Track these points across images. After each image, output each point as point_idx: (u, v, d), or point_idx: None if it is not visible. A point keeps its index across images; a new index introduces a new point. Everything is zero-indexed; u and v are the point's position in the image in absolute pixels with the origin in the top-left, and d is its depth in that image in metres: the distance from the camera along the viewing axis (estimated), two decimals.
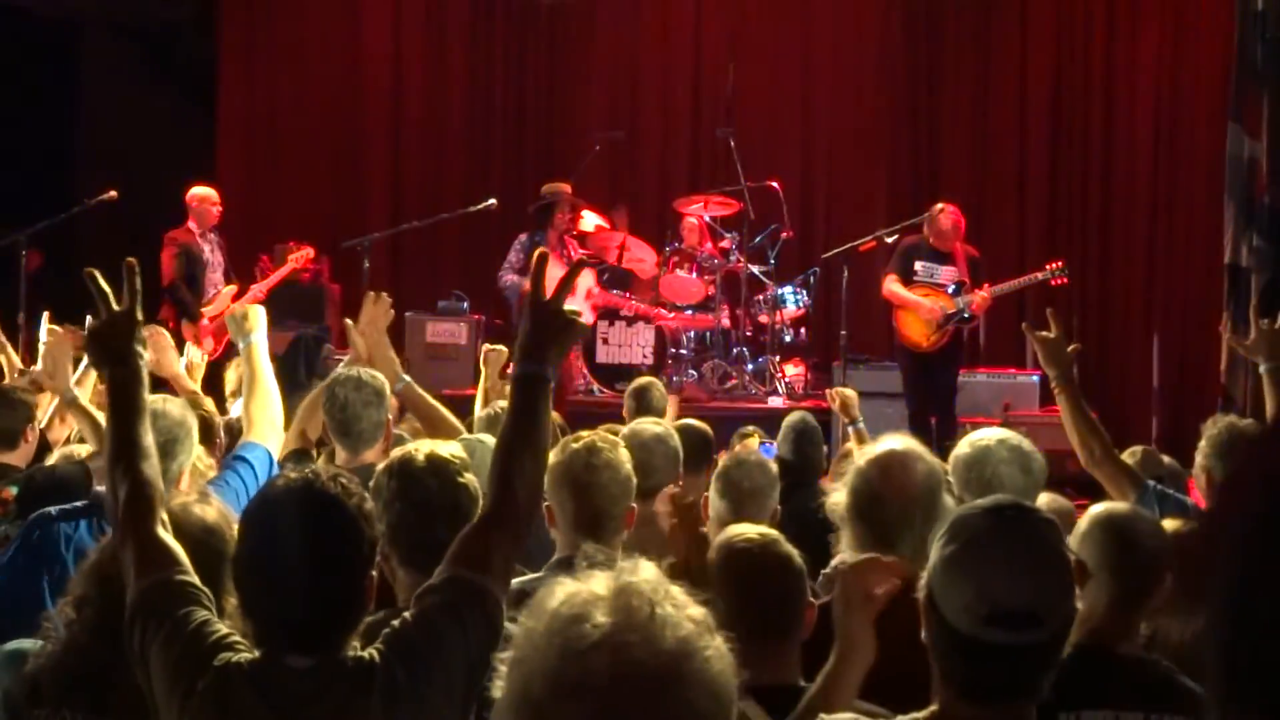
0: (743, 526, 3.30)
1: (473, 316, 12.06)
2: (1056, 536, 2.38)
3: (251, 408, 4.04)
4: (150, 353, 3.22)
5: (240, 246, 12.04)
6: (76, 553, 3.69)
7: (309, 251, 11.50)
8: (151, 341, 5.98)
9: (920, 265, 10.33)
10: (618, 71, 14.10)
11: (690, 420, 6.12)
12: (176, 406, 4.10)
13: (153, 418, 3.97)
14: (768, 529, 3.33)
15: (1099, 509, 3.55)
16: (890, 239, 10.75)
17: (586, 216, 12.12)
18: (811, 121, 13.87)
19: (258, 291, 11.04)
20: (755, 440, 6.94)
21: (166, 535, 2.78)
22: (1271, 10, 10.54)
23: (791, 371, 12.00)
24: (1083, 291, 12.75)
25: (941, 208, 10.39)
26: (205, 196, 10.89)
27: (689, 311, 11.90)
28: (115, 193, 10.29)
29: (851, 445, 6.99)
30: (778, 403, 11.16)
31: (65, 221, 10.27)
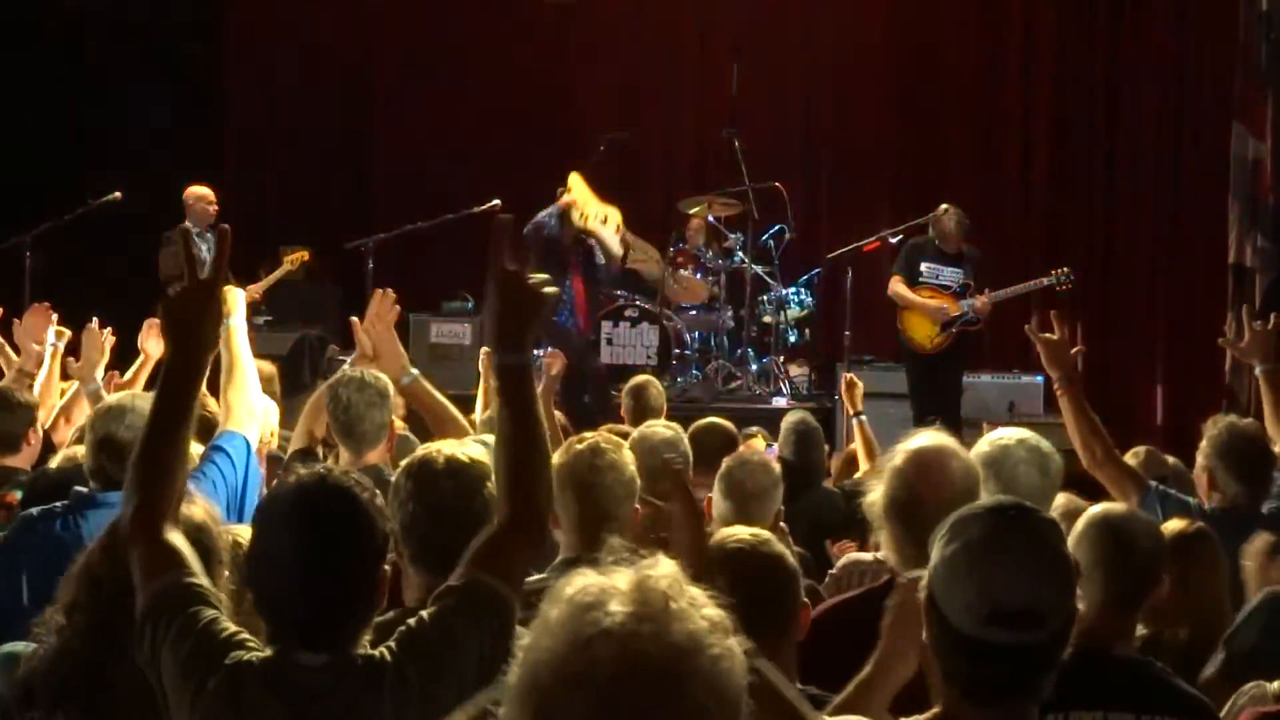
0: (736, 528, 3.29)
1: (477, 317, 12.04)
2: (1057, 536, 2.38)
3: (229, 394, 3.92)
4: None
5: (244, 247, 12.01)
6: (55, 550, 3.65)
7: (303, 254, 11.51)
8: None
9: (926, 266, 10.32)
10: (622, 72, 14.09)
11: (715, 420, 6.09)
12: (148, 402, 4.10)
13: (123, 413, 4.01)
14: (760, 530, 3.32)
15: (1096, 510, 3.56)
16: (894, 239, 10.75)
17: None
18: (815, 122, 13.86)
19: (254, 291, 11.05)
20: (760, 441, 6.91)
21: (176, 536, 2.78)
22: (1277, 11, 10.55)
23: (795, 372, 11.99)
24: (1086, 291, 12.71)
25: (946, 208, 10.38)
26: (201, 195, 10.89)
27: (693, 312, 11.89)
28: (120, 194, 10.30)
29: (856, 447, 7.01)
30: (781, 403, 11.15)
31: (70, 223, 10.28)
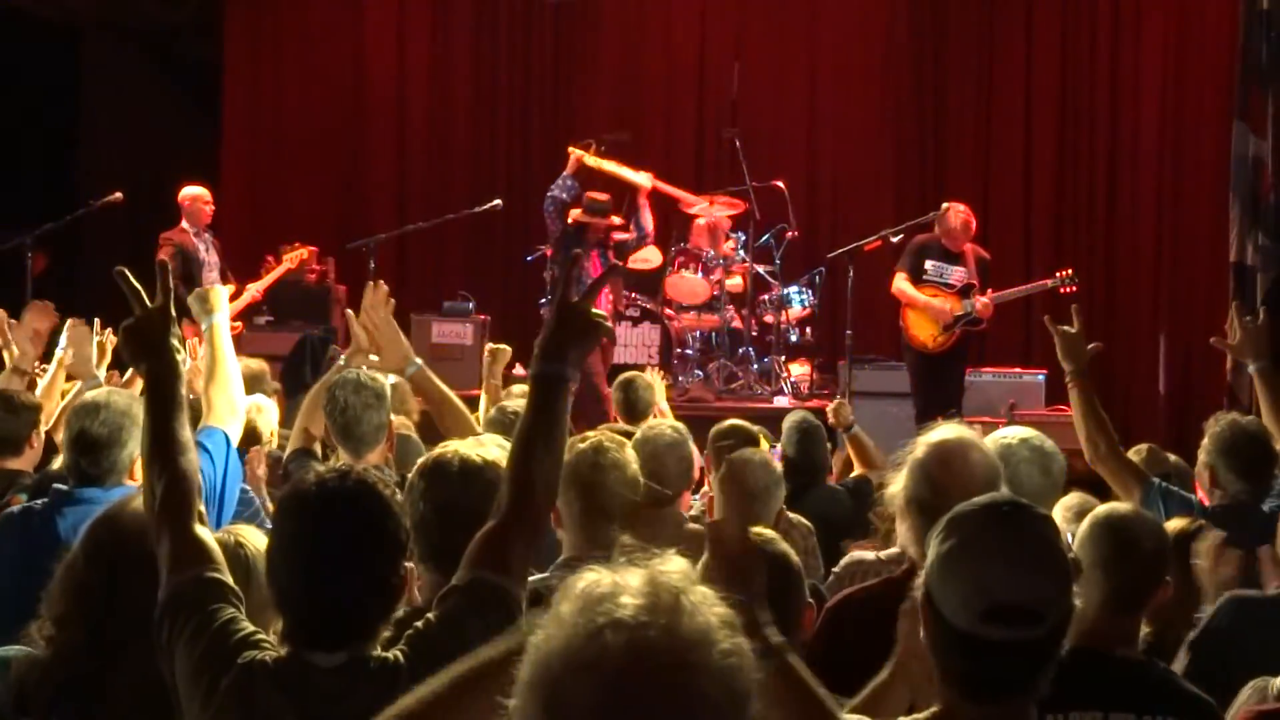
0: None
1: (478, 317, 12.04)
2: (1054, 532, 2.37)
3: (211, 390, 3.91)
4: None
5: (246, 248, 12.03)
6: (35, 547, 3.75)
7: (303, 252, 11.50)
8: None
9: (931, 264, 10.31)
10: (623, 71, 14.08)
11: (737, 421, 6.07)
12: (123, 398, 4.17)
13: (97, 409, 4.08)
14: (764, 529, 3.31)
15: (1100, 510, 3.55)
16: (896, 238, 10.74)
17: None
18: (817, 121, 13.85)
19: (255, 291, 11.05)
20: (763, 441, 6.91)
21: (203, 531, 2.80)
22: (1277, 11, 10.55)
23: (797, 371, 11.99)
24: (1088, 290, 12.69)
25: (949, 207, 10.37)
26: (198, 195, 10.89)
27: (694, 311, 11.89)
28: (120, 195, 10.30)
29: (850, 453, 7.10)
30: (783, 403, 11.15)
31: (70, 224, 10.29)
